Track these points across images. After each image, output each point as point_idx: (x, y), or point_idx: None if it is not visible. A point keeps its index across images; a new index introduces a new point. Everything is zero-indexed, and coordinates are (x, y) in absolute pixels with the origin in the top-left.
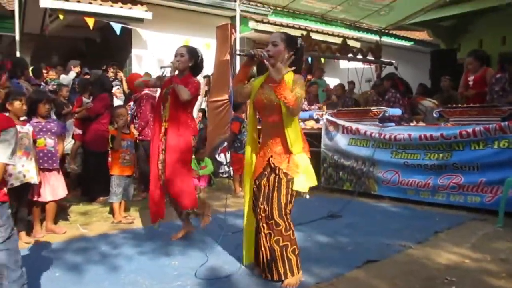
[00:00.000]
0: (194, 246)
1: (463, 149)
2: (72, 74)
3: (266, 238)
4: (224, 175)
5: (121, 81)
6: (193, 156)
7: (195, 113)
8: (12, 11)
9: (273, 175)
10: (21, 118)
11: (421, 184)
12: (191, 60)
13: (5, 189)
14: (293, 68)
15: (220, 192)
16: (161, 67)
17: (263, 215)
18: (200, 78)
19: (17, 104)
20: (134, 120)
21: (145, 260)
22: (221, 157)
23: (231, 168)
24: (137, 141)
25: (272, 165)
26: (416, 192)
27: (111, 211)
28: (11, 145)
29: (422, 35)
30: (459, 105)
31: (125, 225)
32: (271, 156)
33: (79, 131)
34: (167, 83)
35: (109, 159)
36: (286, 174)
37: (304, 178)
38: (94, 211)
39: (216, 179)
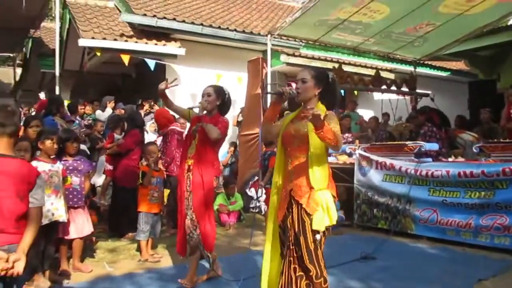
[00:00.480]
0: None
1: (507, 187)
2: (109, 111)
3: (297, 280)
4: (255, 210)
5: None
6: (223, 191)
7: (226, 146)
8: (54, 50)
9: (296, 214)
10: (51, 157)
11: (462, 224)
12: (218, 99)
13: None
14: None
15: (249, 229)
16: (189, 108)
17: (295, 255)
18: (235, 111)
19: (48, 143)
20: (161, 156)
21: None
22: (251, 192)
23: (262, 203)
24: (166, 176)
25: (293, 199)
26: (456, 232)
27: (139, 249)
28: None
29: (459, 65)
30: (501, 140)
31: (152, 263)
32: (292, 190)
33: (110, 167)
34: (195, 121)
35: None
36: (308, 214)
37: (321, 215)
38: (122, 248)
39: (246, 214)
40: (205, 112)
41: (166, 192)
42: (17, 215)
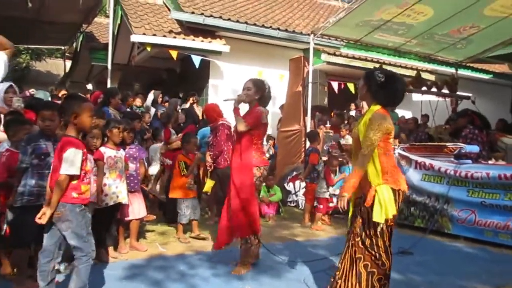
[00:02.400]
0: (265, 273)
1: None
2: (150, 97)
3: (356, 261)
4: (292, 204)
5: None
6: (263, 184)
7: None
8: (105, 44)
9: (363, 207)
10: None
11: (500, 225)
12: (257, 93)
13: (75, 194)
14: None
15: (287, 221)
16: (224, 100)
17: (357, 240)
18: (275, 107)
19: (115, 131)
20: (210, 149)
21: (220, 282)
22: (290, 186)
23: (299, 197)
24: (214, 168)
25: (362, 194)
26: (494, 233)
27: (184, 231)
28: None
29: (502, 67)
30: None
31: (200, 246)
32: (363, 186)
33: (169, 162)
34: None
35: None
36: (367, 208)
37: (378, 209)
38: (171, 232)
39: (284, 208)
40: (242, 104)
41: (211, 183)
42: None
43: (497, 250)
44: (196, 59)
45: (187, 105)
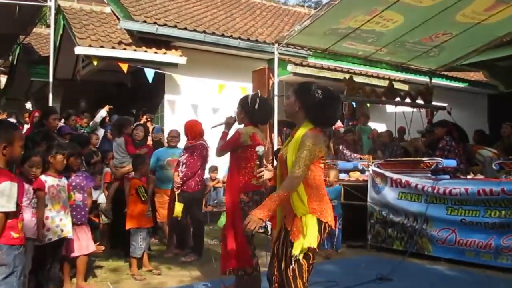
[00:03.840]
0: None
1: None
2: (102, 113)
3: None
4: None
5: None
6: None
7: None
8: (45, 57)
9: (282, 238)
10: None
11: (482, 244)
12: (242, 112)
13: (14, 234)
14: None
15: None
16: (212, 127)
17: (276, 284)
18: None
19: (59, 158)
20: (180, 168)
21: None
22: None
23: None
24: (180, 191)
25: (283, 225)
26: (476, 253)
27: (133, 266)
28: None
29: (478, 75)
30: None
31: (158, 283)
32: (285, 216)
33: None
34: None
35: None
36: (291, 242)
37: (300, 242)
38: (124, 268)
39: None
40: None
41: (181, 206)
42: None
43: (479, 271)
44: (149, 73)
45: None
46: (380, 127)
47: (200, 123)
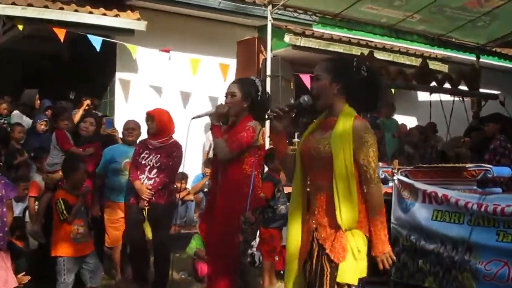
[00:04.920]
0: None
1: None
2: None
3: None
4: (246, 259)
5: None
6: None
7: (199, 166)
8: None
9: (315, 261)
10: None
11: None
12: (245, 100)
13: None
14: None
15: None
16: (194, 118)
17: None
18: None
19: None
20: (148, 174)
21: None
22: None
23: (255, 252)
24: (147, 203)
25: (316, 241)
26: None
27: None
28: None
29: None
30: None
31: None
32: (315, 229)
33: None
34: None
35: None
36: (331, 260)
37: (352, 265)
38: None
39: None
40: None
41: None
42: None
43: None
44: (96, 42)
45: (79, 112)
46: (409, 121)
47: (169, 113)
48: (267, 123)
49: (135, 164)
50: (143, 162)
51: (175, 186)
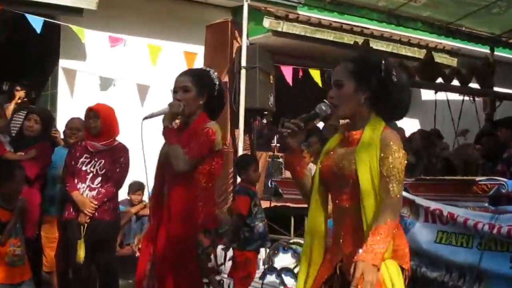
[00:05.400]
0: None
1: None
2: None
3: None
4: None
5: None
6: None
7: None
8: None
9: None
10: None
11: None
12: (201, 96)
13: None
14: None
15: None
16: (145, 118)
17: None
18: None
19: None
20: (91, 183)
21: None
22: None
23: (224, 278)
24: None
25: (341, 274)
26: None
27: None
28: None
29: None
30: None
31: None
32: (341, 261)
33: None
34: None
35: None
36: None
37: None
38: None
39: None
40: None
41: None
42: None
43: None
44: (36, 22)
45: (10, 106)
46: (411, 124)
47: (112, 108)
48: (241, 125)
49: (71, 170)
50: (83, 168)
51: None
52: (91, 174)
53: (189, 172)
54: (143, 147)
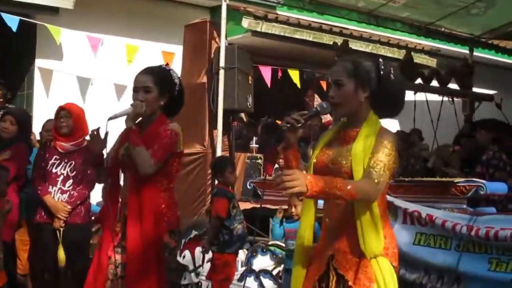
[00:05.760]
0: None
1: None
2: None
3: None
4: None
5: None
6: None
7: None
8: None
9: None
10: None
11: None
12: (163, 96)
13: None
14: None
15: None
16: (110, 119)
17: None
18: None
19: None
20: (62, 186)
21: None
22: (185, 258)
23: (202, 277)
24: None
25: (333, 271)
26: None
27: None
28: None
29: None
30: None
31: None
32: (332, 256)
33: None
34: (124, 139)
35: None
36: None
37: None
38: None
39: None
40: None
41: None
42: None
43: None
44: (11, 20)
45: None
46: (390, 125)
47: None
48: (219, 126)
49: (42, 173)
50: (53, 170)
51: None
52: (61, 176)
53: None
54: (107, 148)
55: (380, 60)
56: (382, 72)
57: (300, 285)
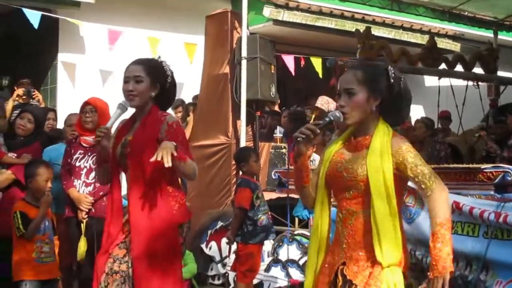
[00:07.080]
0: None
1: None
2: None
3: None
4: (217, 281)
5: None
6: None
7: None
8: None
9: None
10: None
11: None
12: (154, 87)
13: None
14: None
15: None
16: (120, 104)
17: None
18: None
19: None
20: (85, 179)
21: None
22: (211, 249)
23: (229, 271)
24: (87, 217)
25: (341, 277)
26: None
27: None
28: None
29: None
30: None
31: None
32: (343, 264)
33: None
34: (122, 133)
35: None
36: None
37: None
38: None
39: None
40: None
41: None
42: None
43: None
44: (33, 16)
45: (9, 103)
46: (414, 111)
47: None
48: (243, 117)
49: (67, 167)
50: (77, 164)
51: None
52: (85, 169)
53: (155, 166)
54: None
55: (390, 67)
56: (392, 80)
57: (313, 273)
